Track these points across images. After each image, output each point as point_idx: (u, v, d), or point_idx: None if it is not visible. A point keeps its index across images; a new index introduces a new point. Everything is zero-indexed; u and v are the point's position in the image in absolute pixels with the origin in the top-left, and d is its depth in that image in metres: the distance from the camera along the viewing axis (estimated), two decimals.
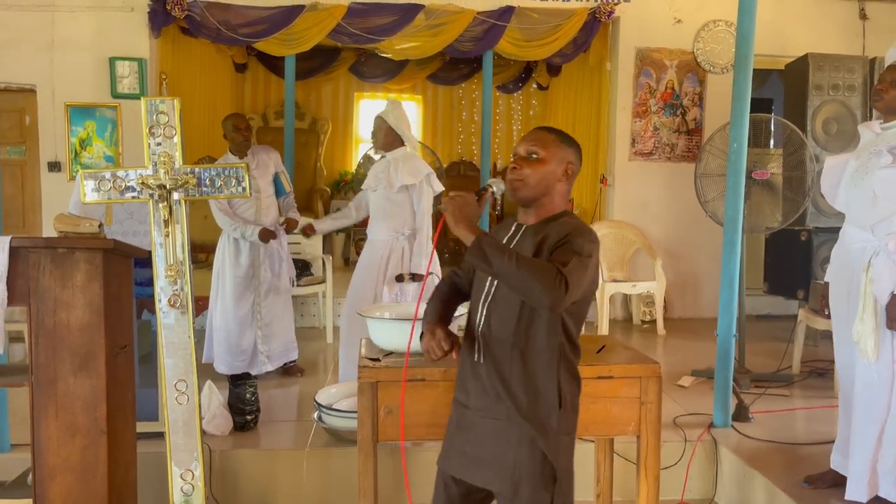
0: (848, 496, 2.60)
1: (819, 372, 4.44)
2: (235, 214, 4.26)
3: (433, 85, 9.31)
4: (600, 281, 5.57)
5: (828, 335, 3.14)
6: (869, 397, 2.55)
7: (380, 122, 3.89)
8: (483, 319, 1.87)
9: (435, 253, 2.65)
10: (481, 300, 1.89)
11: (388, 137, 3.88)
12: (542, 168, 1.86)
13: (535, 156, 1.87)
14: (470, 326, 1.92)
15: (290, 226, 4.39)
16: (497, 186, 1.93)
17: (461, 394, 1.93)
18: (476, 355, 1.87)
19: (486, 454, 1.84)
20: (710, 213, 4.48)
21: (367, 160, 9.21)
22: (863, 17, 6.33)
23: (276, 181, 4.45)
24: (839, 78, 5.21)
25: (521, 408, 1.80)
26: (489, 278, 1.87)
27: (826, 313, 2.81)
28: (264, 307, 4.35)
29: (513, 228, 1.94)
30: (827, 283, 2.80)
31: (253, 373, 3.97)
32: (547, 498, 1.80)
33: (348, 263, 8.41)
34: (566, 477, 1.85)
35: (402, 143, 3.89)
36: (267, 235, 4.22)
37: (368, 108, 9.43)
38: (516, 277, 1.68)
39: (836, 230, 2.81)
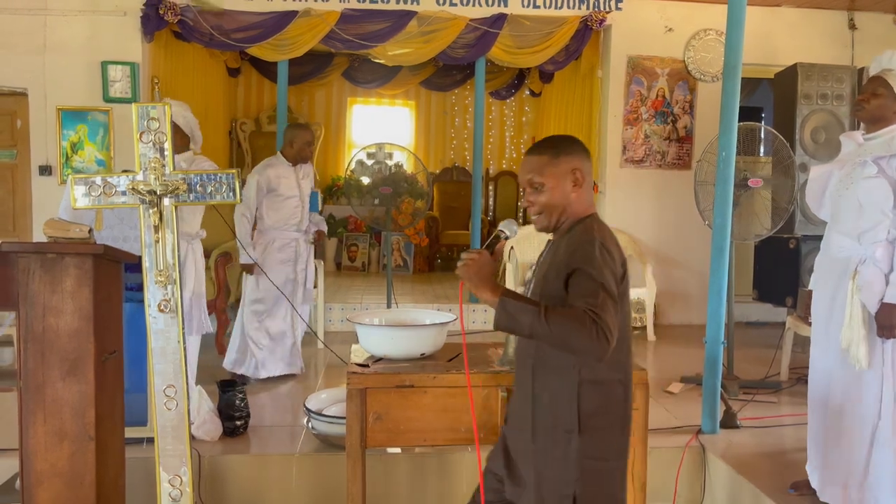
0: (824, 499, 2.63)
1: (807, 379, 4.45)
2: (261, 221, 4.43)
3: (426, 91, 9.34)
4: None
5: None
6: (851, 405, 2.57)
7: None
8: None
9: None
10: None
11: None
12: (550, 193, 1.80)
13: (537, 185, 1.82)
14: None
15: (319, 237, 4.72)
16: (509, 229, 1.90)
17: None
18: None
19: (515, 469, 1.88)
20: (709, 221, 4.52)
21: (360, 165, 9.23)
22: (852, 27, 6.39)
23: (314, 197, 4.73)
24: (828, 87, 5.26)
25: (534, 428, 1.79)
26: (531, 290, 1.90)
27: (809, 321, 2.84)
28: (300, 311, 4.59)
29: (545, 244, 1.93)
30: (810, 291, 2.83)
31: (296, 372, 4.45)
32: None
33: (340, 268, 8.41)
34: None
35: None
36: (249, 270, 4.40)
37: (361, 113, 9.45)
38: (551, 339, 1.62)
39: (823, 238, 2.84)
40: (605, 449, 1.77)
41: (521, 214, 9.60)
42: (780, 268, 5.34)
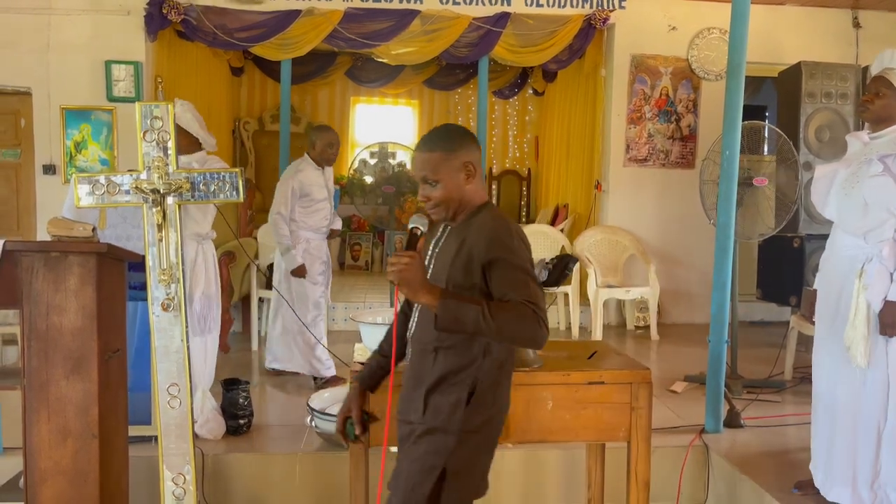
0: (831, 498, 2.62)
1: (811, 378, 4.44)
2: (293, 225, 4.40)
3: (429, 90, 9.34)
4: (595, 287, 5.61)
5: None
6: (856, 404, 2.56)
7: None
8: (414, 325, 1.91)
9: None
10: (414, 306, 1.94)
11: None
12: (443, 188, 1.81)
13: (431, 182, 1.82)
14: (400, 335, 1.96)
15: (333, 235, 4.69)
16: (422, 224, 1.85)
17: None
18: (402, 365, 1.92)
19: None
20: (714, 220, 4.51)
21: (363, 164, 9.23)
22: (856, 25, 6.37)
23: (336, 194, 4.77)
24: (832, 86, 5.24)
25: (425, 408, 1.81)
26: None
27: (814, 320, 2.83)
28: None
29: (440, 229, 1.92)
30: (815, 291, 2.82)
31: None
32: (424, 493, 1.77)
33: (343, 267, 8.42)
34: (461, 475, 1.80)
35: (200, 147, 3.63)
36: (301, 273, 4.32)
37: (364, 112, 9.45)
38: (498, 334, 1.67)
39: (829, 237, 2.83)
40: (482, 419, 1.82)
41: (523, 213, 9.60)
42: (784, 267, 5.32)
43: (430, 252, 1.91)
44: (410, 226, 1.81)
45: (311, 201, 4.36)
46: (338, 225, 4.72)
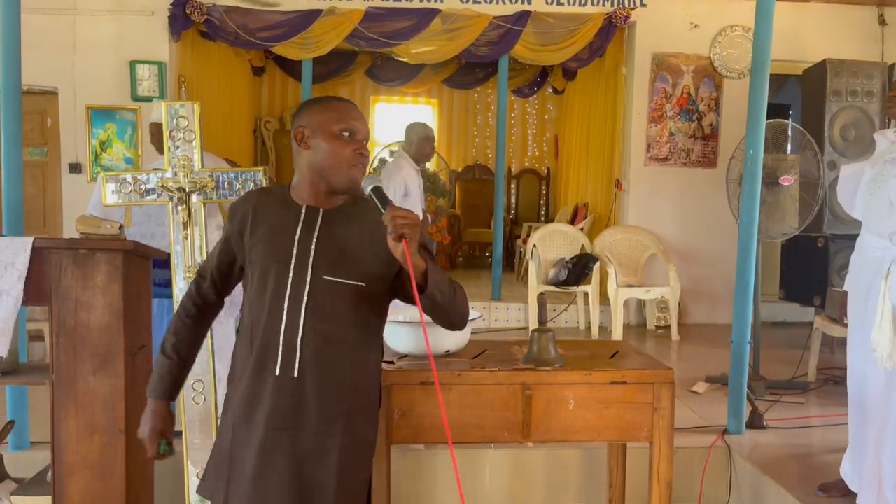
0: (861, 502, 2.59)
1: (835, 380, 4.40)
2: None
3: (449, 89, 9.36)
4: (615, 286, 5.58)
5: (844, 343, 3.12)
6: (883, 407, 2.53)
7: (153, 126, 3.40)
8: (303, 324, 1.57)
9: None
10: (287, 301, 1.58)
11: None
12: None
13: (366, 142, 1.69)
14: (268, 336, 1.59)
15: None
16: (376, 181, 1.60)
17: (245, 415, 1.61)
18: (285, 370, 1.57)
19: (280, 476, 1.58)
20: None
21: (382, 163, 9.27)
22: (882, 22, 6.28)
23: None
24: (857, 84, 5.18)
25: (353, 418, 1.62)
26: (292, 271, 1.58)
27: (845, 322, 2.80)
28: None
29: (303, 215, 1.63)
30: (846, 293, 2.78)
31: None
32: None
33: None
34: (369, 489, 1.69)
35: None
36: None
37: (384, 111, 9.48)
38: (454, 305, 1.61)
39: (854, 237, 2.79)
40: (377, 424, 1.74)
41: (542, 212, 9.58)
42: (808, 267, 5.26)
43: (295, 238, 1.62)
44: (372, 185, 1.56)
45: (409, 199, 4.20)
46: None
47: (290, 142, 1.70)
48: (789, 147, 4.44)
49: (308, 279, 1.58)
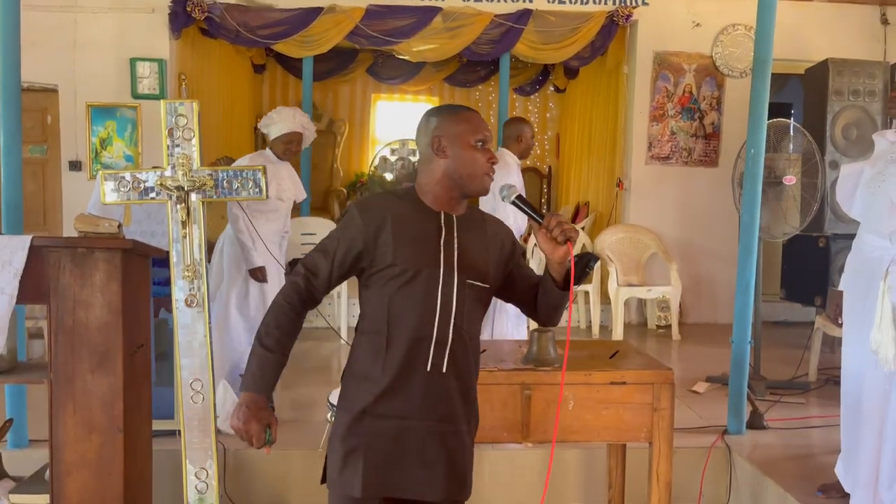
0: (854, 503, 2.58)
1: (836, 380, 4.38)
2: None
3: (450, 87, 9.33)
4: (615, 285, 5.57)
5: None
6: (881, 408, 2.52)
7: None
8: (453, 323, 1.68)
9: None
10: (439, 302, 1.67)
11: None
12: None
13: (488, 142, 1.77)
14: (418, 333, 1.67)
15: None
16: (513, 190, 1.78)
17: (399, 407, 1.68)
18: (435, 365, 1.67)
19: (441, 464, 1.70)
20: None
21: (384, 161, 9.26)
22: (884, 21, 6.26)
23: None
24: (859, 83, 5.16)
25: (475, 409, 1.80)
26: (442, 274, 1.68)
27: (839, 322, 2.79)
28: None
29: (443, 222, 1.72)
30: (841, 292, 2.78)
31: None
32: None
33: None
34: None
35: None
36: None
37: (385, 109, 9.47)
38: (565, 300, 1.75)
39: (855, 237, 2.79)
40: None
41: (544, 211, 9.56)
42: (809, 267, 5.25)
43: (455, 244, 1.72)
44: (517, 194, 1.75)
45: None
46: None
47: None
48: (791, 146, 4.43)
49: (455, 281, 1.69)
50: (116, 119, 5.81)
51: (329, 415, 3.36)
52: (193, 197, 2.41)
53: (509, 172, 3.96)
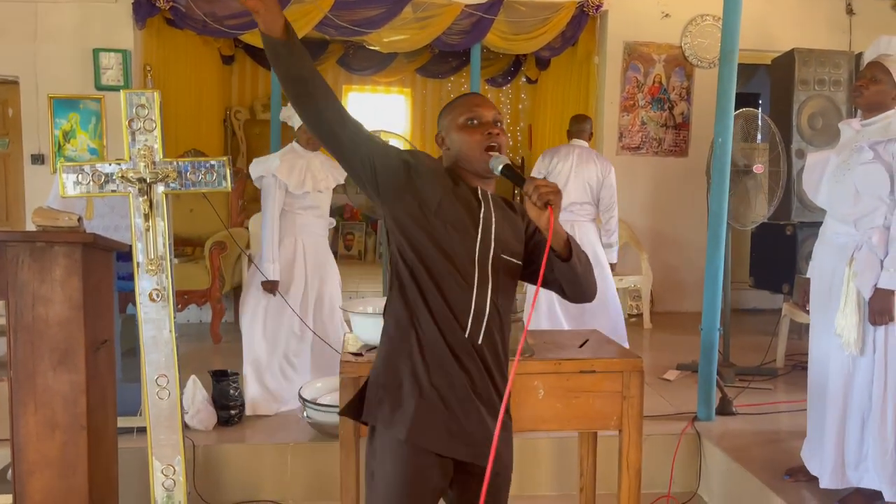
0: (823, 485, 2.63)
1: (803, 366, 4.45)
2: None
3: (422, 78, 9.28)
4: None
5: None
6: (846, 390, 2.57)
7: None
8: (490, 295, 1.65)
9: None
10: (477, 272, 1.64)
11: None
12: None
13: (499, 123, 1.73)
14: (458, 302, 1.63)
15: None
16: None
17: (449, 372, 1.63)
18: (472, 336, 1.63)
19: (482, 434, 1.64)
20: None
21: None
22: (849, 12, 6.36)
23: None
24: (825, 73, 5.23)
25: (505, 384, 1.69)
26: (478, 244, 1.65)
27: (807, 309, 2.83)
28: None
29: (480, 196, 1.70)
30: (808, 280, 2.82)
31: None
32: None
33: (337, 257, 8.38)
34: None
35: None
36: None
37: (357, 100, 9.39)
38: (590, 275, 1.68)
39: (821, 225, 2.83)
40: None
41: (517, 202, 9.57)
42: (777, 254, 5.33)
43: (484, 221, 1.68)
44: (503, 163, 1.63)
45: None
46: None
47: (261, 132, 1.66)
48: (759, 136, 4.47)
49: (491, 253, 1.66)
50: (80, 111, 5.68)
51: (301, 409, 3.34)
52: (157, 189, 2.36)
53: (590, 159, 4.46)
